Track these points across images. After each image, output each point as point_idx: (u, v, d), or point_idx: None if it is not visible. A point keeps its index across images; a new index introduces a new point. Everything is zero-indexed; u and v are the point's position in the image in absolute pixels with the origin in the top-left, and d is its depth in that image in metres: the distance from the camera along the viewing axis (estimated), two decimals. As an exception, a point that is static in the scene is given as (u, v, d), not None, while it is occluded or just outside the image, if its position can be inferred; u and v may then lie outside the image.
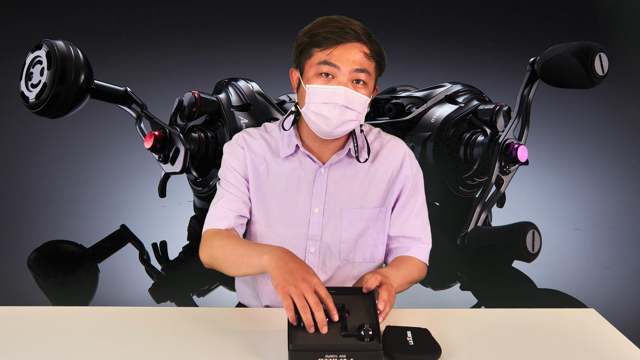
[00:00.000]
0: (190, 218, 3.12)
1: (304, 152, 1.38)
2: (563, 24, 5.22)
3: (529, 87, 2.74)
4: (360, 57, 1.27)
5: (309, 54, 1.29)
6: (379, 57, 1.31)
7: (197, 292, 2.36)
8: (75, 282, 2.43)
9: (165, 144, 2.80)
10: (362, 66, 1.27)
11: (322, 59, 1.27)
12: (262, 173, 1.40)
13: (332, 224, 1.39)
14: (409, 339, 1.10)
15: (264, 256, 1.16)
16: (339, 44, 1.26)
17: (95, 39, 4.64)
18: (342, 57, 1.26)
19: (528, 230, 2.35)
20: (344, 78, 1.27)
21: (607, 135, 4.33)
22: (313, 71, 1.28)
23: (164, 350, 1.11)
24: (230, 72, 3.35)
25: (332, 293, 1.12)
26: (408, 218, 1.43)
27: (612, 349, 1.16)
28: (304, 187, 1.38)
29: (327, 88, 1.27)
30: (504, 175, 2.71)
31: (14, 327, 1.19)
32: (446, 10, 5.32)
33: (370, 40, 1.30)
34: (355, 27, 1.28)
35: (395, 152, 1.44)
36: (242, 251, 1.22)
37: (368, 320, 1.09)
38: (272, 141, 1.41)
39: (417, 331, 1.13)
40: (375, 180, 1.41)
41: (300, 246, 1.39)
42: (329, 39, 1.26)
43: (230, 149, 1.42)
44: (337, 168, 1.39)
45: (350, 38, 1.26)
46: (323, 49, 1.27)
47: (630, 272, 2.70)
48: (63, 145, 3.93)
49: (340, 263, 1.41)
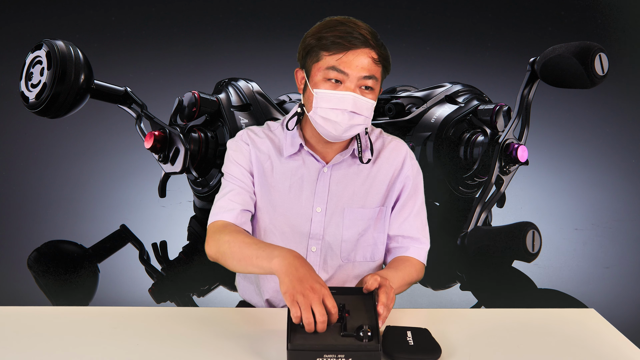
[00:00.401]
0: (190, 218, 3.12)
1: (308, 151, 1.39)
2: (563, 24, 5.22)
3: (529, 87, 2.74)
4: (368, 63, 1.27)
5: (316, 57, 1.29)
6: (385, 61, 1.32)
7: (197, 292, 2.36)
8: (75, 282, 2.43)
9: (165, 144, 2.80)
10: (370, 72, 1.27)
11: (330, 64, 1.27)
12: (267, 170, 1.40)
13: (334, 223, 1.40)
14: (409, 339, 1.10)
15: (274, 259, 1.14)
16: (348, 50, 1.25)
17: (95, 39, 4.64)
18: (351, 64, 1.26)
19: (528, 230, 2.35)
20: (352, 84, 1.27)
21: (607, 135, 4.33)
22: (321, 75, 1.28)
23: (164, 350, 1.11)
24: (230, 72, 3.35)
25: (333, 293, 1.12)
26: (407, 218, 1.43)
27: (612, 349, 1.16)
28: (307, 186, 1.39)
29: (336, 94, 1.27)
30: (504, 175, 2.71)
31: (14, 327, 1.19)
32: (446, 10, 5.32)
33: (378, 45, 1.29)
34: (363, 32, 1.28)
35: (397, 153, 1.44)
36: (251, 251, 1.20)
37: (368, 320, 1.09)
38: (276, 139, 1.42)
39: (417, 331, 1.13)
40: (377, 180, 1.42)
41: (302, 244, 1.40)
42: (338, 44, 1.26)
43: (234, 145, 1.42)
44: (340, 168, 1.40)
45: (359, 43, 1.26)
46: (332, 54, 1.26)
47: (630, 272, 2.70)
48: (63, 145, 3.93)
49: (341, 262, 1.41)
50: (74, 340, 1.15)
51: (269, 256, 1.15)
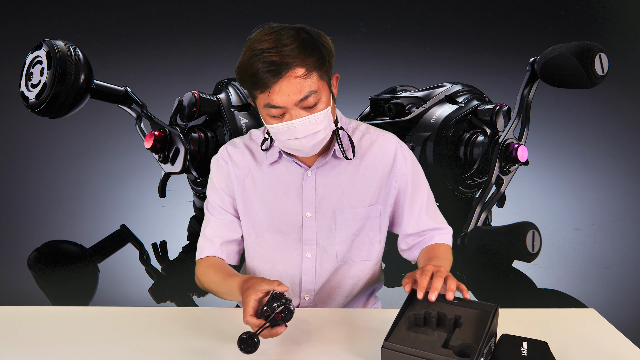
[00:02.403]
0: (190, 218, 3.12)
1: (288, 158, 1.36)
2: (563, 24, 5.23)
3: (529, 87, 2.74)
4: (298, 86, 1.19)
5: (252, 95, 1.26)
6: (318, 63, 1.21)
7: (197, 292, 2.36)
8: (75, 282, 2.43)
9: (165, 144, 2.80)
10: (303, 93, 1.20)
11: (265, 102, 1.22)
12: (248, 186, 1.39)
13: (326, 227, 1.38)
14: (523, 350, 1.06)
15: (236, 291, 1.21)
16: (274, 84, 1.19)
17: (95, 39, 4.64)
18: (282, 97, 1.20)
19: (528, 230, 2.35)
20: (294, 111, 1.22)
21: (607, 135, 4.33)
22: (264, 112, 1.25)
23: (164, 350, 1.11)
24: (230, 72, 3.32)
25: (454, 304, 1.11)
26: (420, 213, 1.42)
27: (612, 349, 1.16)
28: (293, 192, 1.37)
29: (284, 125, 1.24)
30: (504, 175, 2.71)
31: (14, 327, 1.19)
32: (446, 10, 5.32)
33: (303, 56, 1.19)
34: (285, 51, 1.18)
35: (385, 147, 1.40)
36: (220, 289, 1.29)
37: (474, 338, 1.05)
38: (257, 149, 1.40)
39: (534, 343, 1.08)
40: (366, 177, 1.39)
41: (296, 252, 1.38)
42: (262, 81, 1.19)
43: (215, 165, 1.42)
44: (325, 169, 1.37)
45: (283, 70, 1.18)
46: (262, 92, 1.21)
47: (630, 272, 2.70)
48: (63, 145, 3.93)
49: (337, 264, 1.40)
50: (74, 340, 1.15)
51: (231, 291, 1.24)
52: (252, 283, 1.14)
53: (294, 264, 1.39)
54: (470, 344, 1.02)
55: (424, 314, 1.09)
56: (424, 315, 1.09)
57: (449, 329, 1.08)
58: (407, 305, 1.11)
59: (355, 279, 1.42)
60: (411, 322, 1.09)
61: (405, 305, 1.11)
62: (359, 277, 1.42)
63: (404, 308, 1.10)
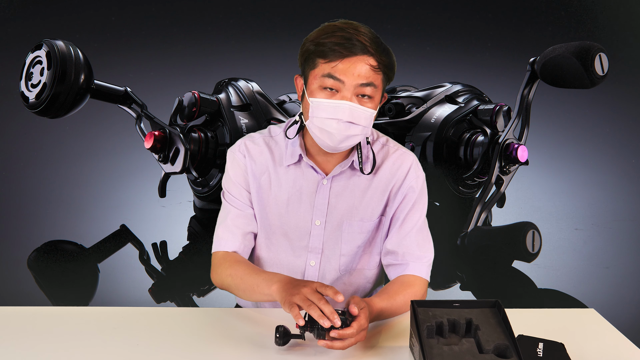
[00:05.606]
0: (190, 218, 3.12)
1: (307, 163, 1.34)
2: (563, 24, 5.23)
3: (529, 87, 2.74)
4: (366, 70, 1.21)
5: (313, 64, 1.24)
6: (386, 67, 1.25)
7: (197, 292, 2.36)
8: (75, 282, 2.43)
9: (165, 144, 2.80)
10: (368, 80, 1.22)
11: (326, 72, 1.22)
12: (264, 184, 1.37)
13: (334, 237, 1.37)
14: (539, 351, 1.06)
15: (273, 285, 1.18)
16: (344, 57, 1.20)
17: (95, 39, 4.64)
18: (347, 71, 1.20)
19: (528, 230, 2.35)
20: (349, 93, 1.22)
21: (607, 135, 4.32)
22: (317, 83, 1.24)
23: (164, 350, 1.12)
24: (230, 72, 3.35)
25: (455, 306, 1.10)
26: (409, 233, 1.36)
27: (612, 349, 1.16)
28: (306, 198, 1.35)
29: (331, 103, 1.22)
30: (504, 175, 2.71)
31: (14, 327, 1.19)
32: (446, 10, 5.32)
33: (379, 51, 1.23)
34: (362, 38, 1.21)
35: (400, 163, 1.38)
36: (252, 280, 1.25)
37: (502, 336, 1.04)
38: (276, 148, 1.37)
39: (550, 344, 1.08)
40: (377, 191, 1.37)
41: (300, 259, 1.37)
42: (334, 51, 1.20)
43: (231, 157, 1.39)
44: (340, 180, 1.35)
45: (357, 50, 1.20)
46: (328, 61, 1.22)
47: (630, 272, 2.70)
48: (63, 145, 3.93)
49: (339, 274, 1.39)
50: (74, 340, 1.15)
51: (268, 283, 1.20)
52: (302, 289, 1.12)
53: (296, 271, 1.38)
54: (501, 343, 1.02)
55: (435, 323, 1.08)
56: (436, 324, 1.08)
57: (472, 334, 1.07)
58: (415, 319, 1.09)
59: (356, 286, 1.42)
60: (431, 334, 1.07)
61: (413, 319, 1.09)
62: (359, 284, 1.42)
63: (415, 322, 1.08)
